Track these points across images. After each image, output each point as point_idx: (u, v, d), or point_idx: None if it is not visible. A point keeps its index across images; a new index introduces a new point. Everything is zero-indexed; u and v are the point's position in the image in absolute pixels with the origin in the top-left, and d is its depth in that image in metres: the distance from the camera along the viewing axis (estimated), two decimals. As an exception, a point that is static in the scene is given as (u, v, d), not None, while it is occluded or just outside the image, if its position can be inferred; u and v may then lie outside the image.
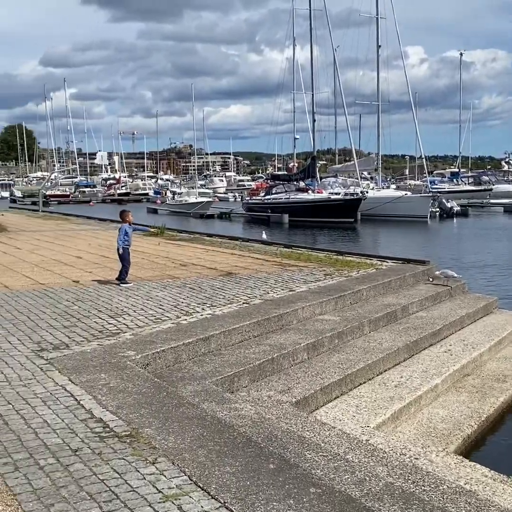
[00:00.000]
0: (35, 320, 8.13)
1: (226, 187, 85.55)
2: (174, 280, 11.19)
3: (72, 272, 12.15)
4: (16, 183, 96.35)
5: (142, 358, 6.55)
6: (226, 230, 34.86)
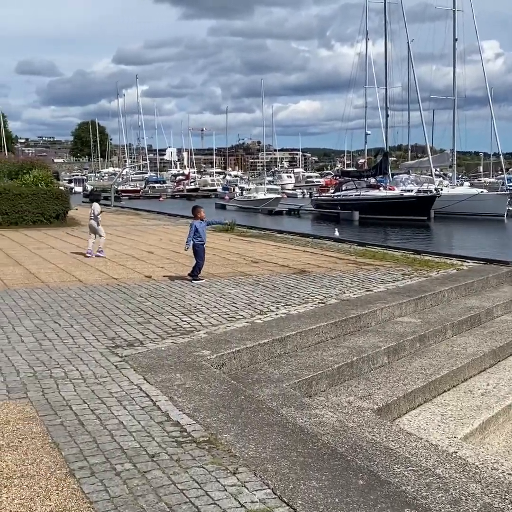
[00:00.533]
0: (109, 315, 8.05)
1: (294, 183, 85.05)
2: (246, 277, 10.97)
3: (144, 267, 12.11)
4: (89, 179, 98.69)
5: (217, 358, 6.34)
6: (295, 226, 34.53)
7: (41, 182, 21.35)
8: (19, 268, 11.72)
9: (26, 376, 5.62)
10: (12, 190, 20.25)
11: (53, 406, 4.92)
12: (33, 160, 24.09)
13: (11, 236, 17.46)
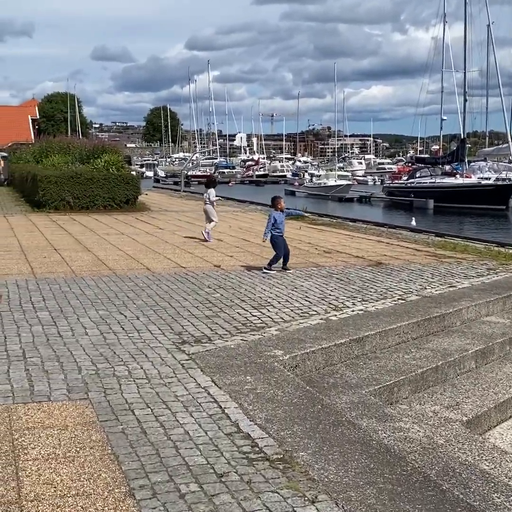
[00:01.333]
0: (176, 307, 7.69)
1: (365, 170, 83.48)
2: (319, 269, 10.44)
3: (213, 255, 11.75)
4: (160, 164, 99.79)
5: (290, 359, 5.86)
6: (366, 214, 33.67)
7: (112, 166, 21.34)
8: (88, 254, 11.56)
9: (88, 373, 5.30)
10: (84, 175, 20.30)
11: (115, 409, 4.57)
12: (105, 144, 24.18)
13: (82, 221, 17.46)
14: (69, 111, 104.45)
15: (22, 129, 60.02)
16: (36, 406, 4.60)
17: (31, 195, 21.80)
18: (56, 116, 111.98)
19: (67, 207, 19.92)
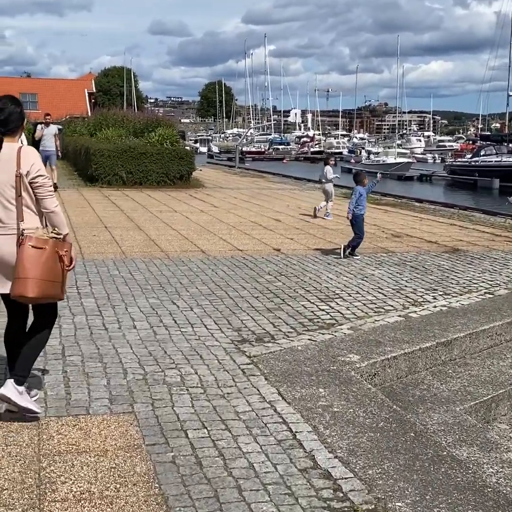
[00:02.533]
0: (234, 297, 6.89)
1: (424, 147, 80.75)
2: (389, 255, 9.49)
3: (272, 237, 10.90)
4: (214, 139, 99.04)
5: (368, 367, 5.00)
6: (428, 194, 32.20)
7: (166, 141, 20.62)
8: (139, 233, 10.87)
9: (134, 379, 4.55)
10: (137, 149, 19.64)
11: (164, 428, 3.80)
12: (159, 118, 23.48)
13: (134, 197, 16.83)
14: (125, 85, 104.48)
15: (78, 102, 60.20)
16: (72, 421, 3.87)
17: (84, 169, 21.30)
18: (112, 90, 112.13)
19: (120, 182, 19.32)
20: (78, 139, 26.08)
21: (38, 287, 3.64)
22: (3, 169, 3.72)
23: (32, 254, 3.64)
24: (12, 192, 3.71)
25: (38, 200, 3.78)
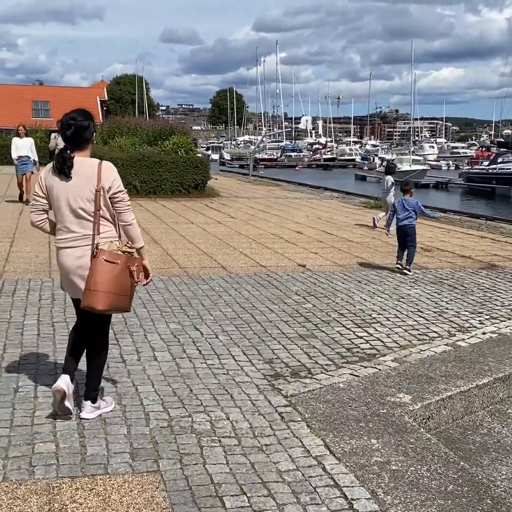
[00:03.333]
0: (261, 321, 6.32)
1: (437, 154, 79.96)
2: (422, 272, 8.89)
3: (295, 251, 10.33)
4: (225, 146, 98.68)
5: (422, 409, 4.40)
6: (445, 202, 31.56)
7: (180, 149, 20.11)
8: (155, 247, 10.33)
9: (158, 426, 3.97)
10: (151, 157, 19.14)
11: (196, 494, 3.22)
12: (173, 125, 22.97)
13: (148, 207, 16.31)
14: (137, 93, 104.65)
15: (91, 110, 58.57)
16: (88, 483, 3.30)
17: (96, 178, 20.85)
18: (124, 98, 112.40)
19: (134, 191, 18.79)
20: (91, 147, 25.62)
21: (107, 300, 3.78)
22: (82, 184, 3.85)
23: (105, 268, 3.77)
24: (91, 206, 3.84)
25: (116, 213, 3.93)
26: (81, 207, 3.84)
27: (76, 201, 3.85)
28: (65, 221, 3.90)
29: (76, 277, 3.89)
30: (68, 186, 3.86)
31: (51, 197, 3.92)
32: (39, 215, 4.00)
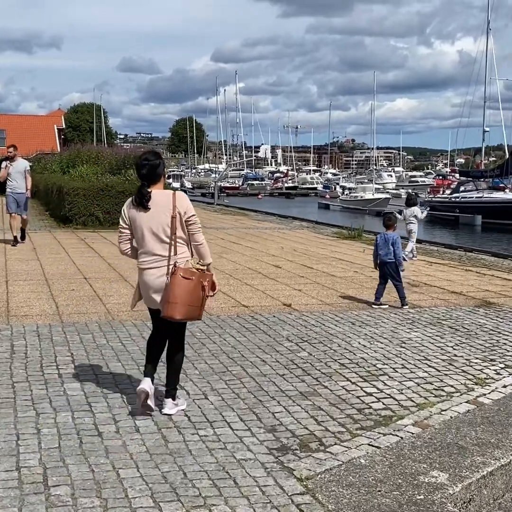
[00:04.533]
0: (255, 375, 5.56)
1: (396, 183, 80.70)
2: (417, 311, 8.26)
3: (276, 288, 9.61)
4: (186, 175, 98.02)
5: (462, 492, 3.69)
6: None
7: (145, 178, 19.31)
8: (125, 286, 9.50)
9: (150, 531, 3.16)
10: (115, 187, 18.31)
11: None
12: (137, 154, 22.17)
13: (114, 240, 15.40)
14: (95, 121, 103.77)
15: (48, 139, 58.68)
16: None
17: (56, 209, 19.89)
18: (82, 126, 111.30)
19: (96, 222, 17.96)
20: (50, 177, 24.60)
21: (184, 310, 4.43)
22: (161, 212, 4.47)
23: (182, 283, 4.39)
24: (168, 230, 4.47)
25: (189, 235, 4.57)
26: (160, 233, 4.49)
27: (156, 228, 4.48)
28: (147, 246, 4.54)
29: (157, 293, 4.54)
30: (148, 216, 4.49)
31: (134, 227, 4.57)
32: (126, 244, 4.70)
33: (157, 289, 4.53)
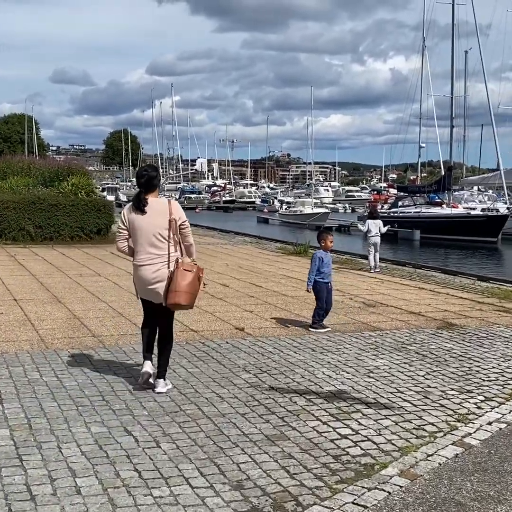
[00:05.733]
0: (212, 416, 4.88)
1: (333, 197, 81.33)
2: (379, 334, 7.76)
3: (226, 310, 8.97)
4: (121, 187, 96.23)
5: (472, 562, 3.11)
6: (350, 246, 31.25)
7: (81, 191, 18.38)
8: (59, 308, 8.66)
9: None
10: (47, 200, 17.34)
11: None
12: (71, 165, 21.13)
13: (46, 256, 14.47)
14: (26, 132, 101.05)
15: (-24, 149, 56.25)
16: None
17: (-16, 222, 18.67)
18: (13, 138, 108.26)
19: (27, 237, 16.94)
20: (-23, 188, 23.23)
21: (187, 297, 5.23)
22: (158, 216, 5.24)
23: (185, 275, 5.20)
24: (165, 232, 5.24)
25: (182, 237, 5.36)
26: (156, 234, 5.22)
27: (153, 230, 5.21)
28: (142, 245, 5.26)
29: (153, 286, 5.25)
30: (145, 219, 5.22)
31: (132, 228, 5.29)
32: (123, 242, 5.44)
33: (152, 282, 5.26)
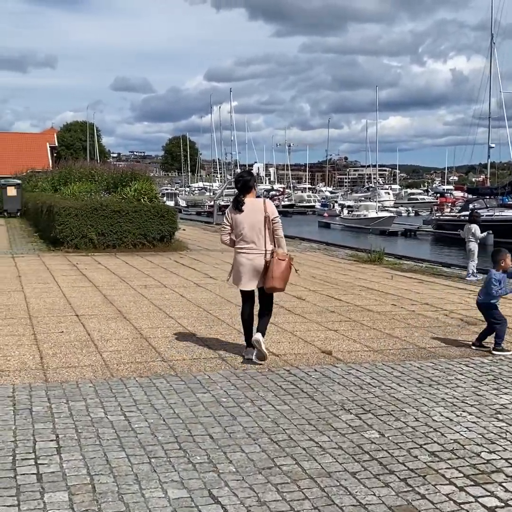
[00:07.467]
0: (316, 476, 3.90)
1: (394, 200, 79.27)
2: (491, 360, 6.63)
3: (307, 328, 7.98)
4: (180, 193, 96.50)
5: None
6: (422, 252, 29.82)
7: (143, 196, 17.74)
8: (124, 324, 7.85)
9: None
10: (110, 206, 16.72)
11: None
12: (135, 170, 20.54)
13: (109, 265, 13.80)
14: (88, 139, 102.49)
15: (40, 157, 57.06)
16: None
17: (46, 230, 18.28)
18: (75, 145, 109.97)
19: (90, 245, 16.34)
20: (40, 195, 22.99)
21: (282, 282, 6.30)
22: (255, 213, 6.32)
23: (280, 263, 6.25)
24: (262, 227, 6.30)
25: (274, 230, 6.35)
26: (255, 228, 6.30)
27: (253, 225, 6.30)
28: (244, 237, 6.36)
29: (250, 272, 6.35)
30: (245, 216, 6.33)
31: (235, 224, 6.39)
32: (227, 236, 6.53)
33: (250, 268, 6.29)
